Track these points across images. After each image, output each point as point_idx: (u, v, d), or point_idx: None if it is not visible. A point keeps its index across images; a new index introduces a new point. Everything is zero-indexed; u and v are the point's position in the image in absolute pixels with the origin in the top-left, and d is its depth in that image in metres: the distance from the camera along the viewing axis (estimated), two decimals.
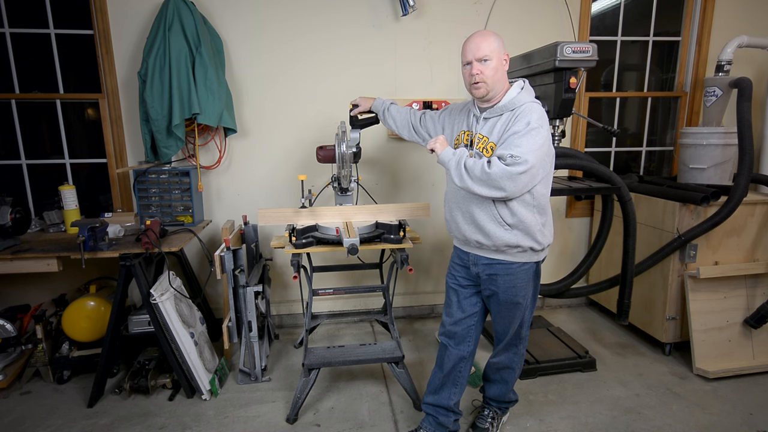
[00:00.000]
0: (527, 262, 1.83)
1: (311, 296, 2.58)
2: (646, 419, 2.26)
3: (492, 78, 1.72)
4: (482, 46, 1.71)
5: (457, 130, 1.95)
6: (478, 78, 1.72)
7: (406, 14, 2.96)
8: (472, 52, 1.73)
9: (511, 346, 2.02)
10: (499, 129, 1.74)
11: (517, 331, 1.96)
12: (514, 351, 2.03)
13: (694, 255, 2.69)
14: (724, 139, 2.78)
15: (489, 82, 1.72)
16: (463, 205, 1.85)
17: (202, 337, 2.61)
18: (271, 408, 2.37)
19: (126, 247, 2.33)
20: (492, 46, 1.71)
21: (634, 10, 3.38)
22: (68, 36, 2.90)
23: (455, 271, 2.01)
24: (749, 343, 2.70)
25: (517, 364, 2.06)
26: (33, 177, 3.03)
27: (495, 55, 1.71)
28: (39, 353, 2.60)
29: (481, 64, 1.72)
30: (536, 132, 1.64)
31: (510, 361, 2.05)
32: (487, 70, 1.71)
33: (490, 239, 1.79)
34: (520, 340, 2.01)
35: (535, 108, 1.69)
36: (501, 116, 1.75)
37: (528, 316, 1.97)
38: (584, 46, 2.25)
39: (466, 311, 1.99)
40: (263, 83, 3.02)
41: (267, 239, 3.07)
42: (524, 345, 2.04)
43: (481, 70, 1.71)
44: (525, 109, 1.69)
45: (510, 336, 1.98)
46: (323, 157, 2.53)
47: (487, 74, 1.71)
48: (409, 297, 3.45)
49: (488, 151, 1.76)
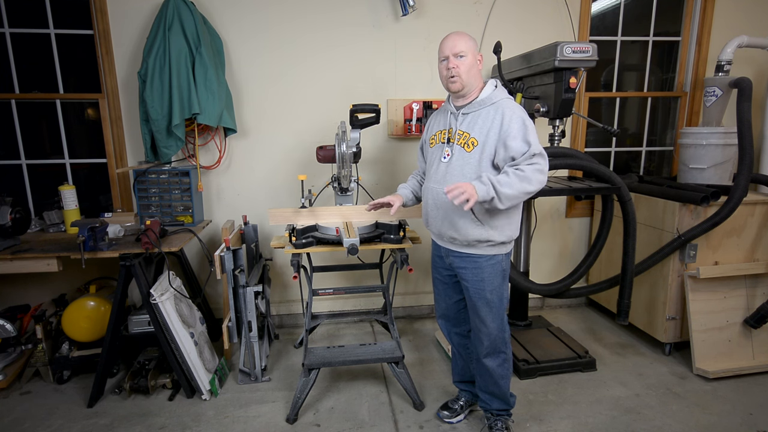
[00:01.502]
0: (496, 255, 1.90)
1: (311, 296, 2.58)
2: (646, 419, 2.26)
3: (467, 74, 1.82)
4: (458, 43, 1.82)
5: (434, 132, 2.01)
6: (454, 72, 1.81)
7: (406, 14, 2.96)
8: (450, 48, 1.83)
9: (498, 351, 2.01)
10: (482, 124, 1.81)
11: (497, 330, 1.98)
12: (503, 357, 2.03)
13: (694, 255, 2.69)
14: (724, 139, 2.78)
15: (464, 77, 1.82)
16: (440, 203, 1.91)
17: (202, 337, 2.61)
18: (271, 408, 2.37)
19: (126, 247, 2.33)
20: (467, 44, 1.82)
21: (634, 10, 3.38)
22: (68, 36, 2.90)
23: (435, 263, 2.13)
24: (749, 343, 2.70)
25: (501, 371, 2.04)
26: (33, 177, 3.03)
27: (470, 53, 1.82)
28: (39, 353, 2.60)
29: (457, 59, 1.81)
30: (532, 128, 1.79)
31: (496, 367, 2.03)
32: (462, 65, 1.81)
33: (462, 234, 1.87)
34: (504, 343, 2.01)
35: (517, 105, 1.82)
36: (481, 111, 1.83)
37: (501, 315, 1.99)
38: (584, 46, 2.25)
39: (453, 297, 2.12)
40: (263, 83, 3.02)
41: (267, 239, 3.08)
42: (509, 349, 2.05)
43: (457, 65, 1.81)
44: (507, 104, 1.80)
45: (491, 336, 1.98)
46: (323, 157, 2.53)
47: (461, 69, 1.81)
48: (409, 297, 3.45)
49: (469, 146, 1.83)
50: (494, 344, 1.99)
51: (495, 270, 1.91)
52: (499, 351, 2.01)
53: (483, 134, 1.80)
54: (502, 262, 1.93)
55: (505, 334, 2.01)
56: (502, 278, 1.95)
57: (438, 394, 2.46)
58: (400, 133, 3.13)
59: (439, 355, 2.89)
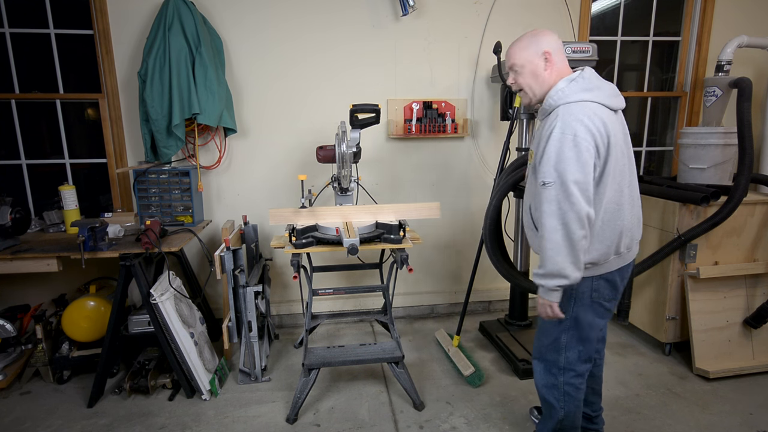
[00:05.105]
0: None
1: (311, 296, 2.58)
2: (646, 419, 2.26)
3: (529, 85, 1.64)
4: (510, 56, 1.66)
5: None
6: (515, 87, 1.69)
7: (406, 14, 2.96)
8: (507, 62, 1.67)
9: (551, 368, 1.81)
10: (537, 136, 1.64)
11: (551, 349, 1.78)
12: (553, 381, 1.80)
13: (694, 255, 2.69)
14: (724, 139, 2.78)
15: (527, 90, 1.66)
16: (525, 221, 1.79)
17: (202, 337, 2.61)
18: (271, 408, 2.37)
19: (126, 247, 2.33)
20: (520, 54, 1.62)
21: (634, 10, 3.38)
22: (68, 36, 2.90)
23: None
24: (749, 343, 2.70)
25: (551, 399, 1.82)
26: (33, 177, 3.03)
27: (526, 63, 1.62)
28: (39, 353, 2.60)
29: (514, 73, 1.67)
30: (576, 152, 1.46)
31: (545, 391, 1.83)
32: (520, 78, 1.65)
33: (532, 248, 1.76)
34: (558, 368, 1.78)
35: (576, 114, 1.49)
36: (544, 121, 1.63)
37: (566, 340, 1.74)
38: (584, 46, 2.25)
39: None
40: (263, 83, 3.02)
41: (267, 239, 3.08)
42: (564, 377, 1.77)
43: (515, 79, 1.67)
44: (564, 113, 1.51)
45: (544, 351, 1.81)
46: (323, 157, 2.53)
47: (521, 83, 1.66)
48: (409, 297, 3.45)
49: (530, 157, 1.68)
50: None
51: (565, 297, 1.65)
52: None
53: (538, 148, 1.59)
54: (572, 289, 1.65)
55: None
56: (568, 304, 1.68)
57: (438, 394, 2.46)
58: (400, 133, 3.14)
59: (439, 355, 2.88)
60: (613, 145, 1.53)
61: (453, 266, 3.48)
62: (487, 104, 3.25)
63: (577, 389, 1.78)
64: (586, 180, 1.48)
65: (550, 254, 1.52)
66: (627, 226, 1.63)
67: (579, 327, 1.70)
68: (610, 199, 1.58)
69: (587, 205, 1.48)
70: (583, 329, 1.71)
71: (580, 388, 1.79)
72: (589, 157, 1.48)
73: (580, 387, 1.79)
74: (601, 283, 1.67)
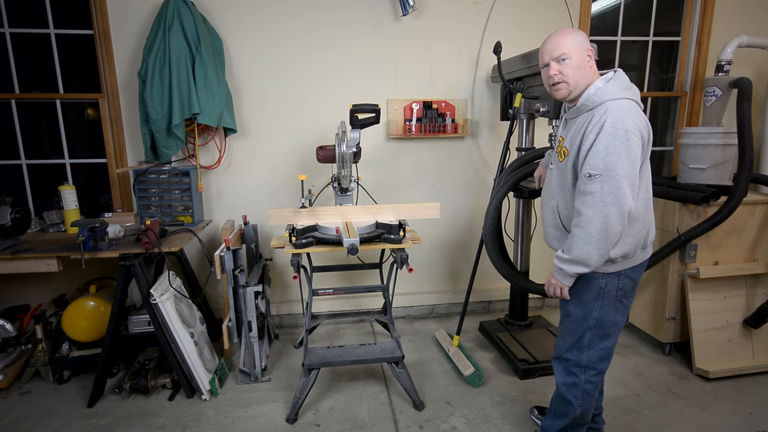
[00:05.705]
0: (593, 274, 1.69)
1: (311, 296, 2.58)
2: (646, 419, 2.26)
3: (574, 77, 1.60)
4: (560, 44, 1.60)
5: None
6: (557, 78, 1.62)
7: (406, 14, 2.96)
8: (549, 52, 1.62)
9: (572, 367, 1.82)
10: (575, 131, 1.61)
11: (574, 348, 1.79)
12: (574, 380, 1.81)
13: (694, 255, 2.69)
14: (724, 139, 2.78)
15: (571, 81, 1.61)
16: (543, 213, 1.85)
17: (202, 337, 2.61)
18: (271, 408, 2.37)
19: (126, 247, 2.33)
20: (572, 43, 1.59)
21: (634, 10, 3.38)
22: (68, 36, 2.90)
23: None
24: (749, 343, 2.70)
25: (570, 397, 1.82)
26: (33, 177, 3.03)
27: (575, 53, 1.58)
28: (39, 353, 2.60)
29: (559, 63, 1.61)
30: (628, 146, 1.48)
31: (565, 389, 1.84)
32: (567, 69, 1.60)
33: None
34: (579, 366, 1.79)
35: (628, 110, 1.51)
36: (577, 118, 1.63)
37: (590, 339, 1.76)
38: None
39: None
40: (263, 83, 3.02)
41: (267, 239, 3.08)
42: (585, 376, 1.79)
43: (560, 70, 1.61)
44: (614, 109, 1.51)
45: (565, 350, 1.82)
46: (323, 157, 2.53)
47: (567, 73, 1.60)
48: (409, 297, 3.45)
49: (561, 155, 1.68)
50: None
51: (589, 289, 1.70)
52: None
53: (574, 143, 1.59)
54: (598, 282, 1.68)
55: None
56: (594, 303, 1.71)
57: (438, 394, 2.46)
58: (400, 133, 3.14)
59: (439, 355, 2.88)
60: (648, 142, 1.58)
61: (453, 266, 3.48)
62: (487, 104, 3.25)
63: (596, 387, 1.82)
64: (634, 174, 1.51)
65: (580, 243, 1.56)
66: (651, 220, 1.69)
67: (603, 325, 1.74)
68: (643, 194, 1.63)
69: (632, 199, 1.52)
70: (607, 327, 1.75)
71: (599, 386, 1.84)
72: (638, 153, 1.51)
73: (598, 385, 1.83)
74: (626, 282, 1.71)
